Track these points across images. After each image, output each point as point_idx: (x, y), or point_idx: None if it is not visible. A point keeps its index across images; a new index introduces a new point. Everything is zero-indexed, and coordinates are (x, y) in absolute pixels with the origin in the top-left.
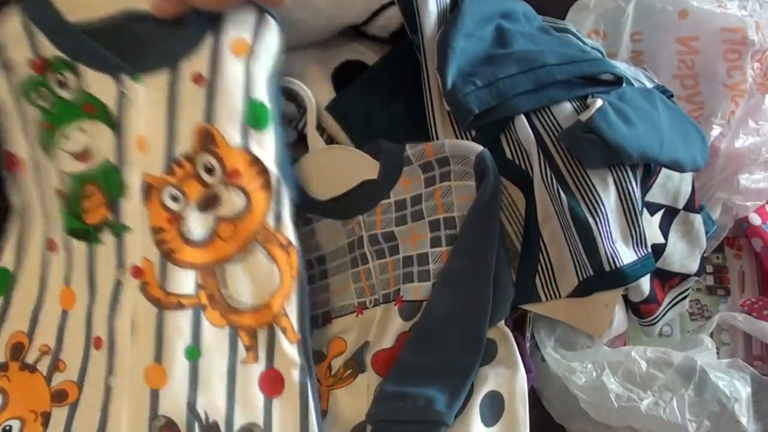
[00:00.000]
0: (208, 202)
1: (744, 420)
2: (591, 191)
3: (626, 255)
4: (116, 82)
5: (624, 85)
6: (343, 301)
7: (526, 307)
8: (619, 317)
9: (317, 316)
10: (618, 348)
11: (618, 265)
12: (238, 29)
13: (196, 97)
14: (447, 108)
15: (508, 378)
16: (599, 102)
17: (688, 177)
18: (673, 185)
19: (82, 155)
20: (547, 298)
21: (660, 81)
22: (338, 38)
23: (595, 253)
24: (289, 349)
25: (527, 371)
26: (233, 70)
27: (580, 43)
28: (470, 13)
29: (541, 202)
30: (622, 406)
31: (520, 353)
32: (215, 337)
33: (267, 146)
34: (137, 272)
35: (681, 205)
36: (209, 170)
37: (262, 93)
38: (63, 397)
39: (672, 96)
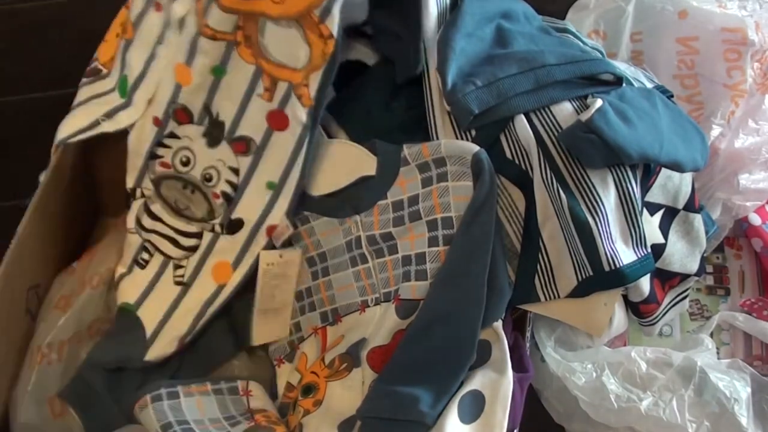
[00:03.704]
0: None
1: (744, 420)
2: (591, 191)
3: (626, 255)
4: None
5: (624, 85)
6: (348, 299)
7: (525, 307)
8: (619, 317)
9: (327, 314)
10: (618, 348)
11: (618, 265)
12: None
13: None
14: (447, 108)
15: (494, 381)
16: (599, 102)
17: (688, 177)
18: (673, 185)
19: None
20: (546, 299)
21: (660, 81)
22: None
23: (595, 253)
24: (300, 110)
25: (525, 371)
26: None
27: (580, 43)
28: (470, 13)
29: (540, 202)
30: (621, 406)
31: (520, 353)
32: (241, 68)
33: None
34: None
35: (681, 205)
36: None
37: None
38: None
39: (672, 96)
